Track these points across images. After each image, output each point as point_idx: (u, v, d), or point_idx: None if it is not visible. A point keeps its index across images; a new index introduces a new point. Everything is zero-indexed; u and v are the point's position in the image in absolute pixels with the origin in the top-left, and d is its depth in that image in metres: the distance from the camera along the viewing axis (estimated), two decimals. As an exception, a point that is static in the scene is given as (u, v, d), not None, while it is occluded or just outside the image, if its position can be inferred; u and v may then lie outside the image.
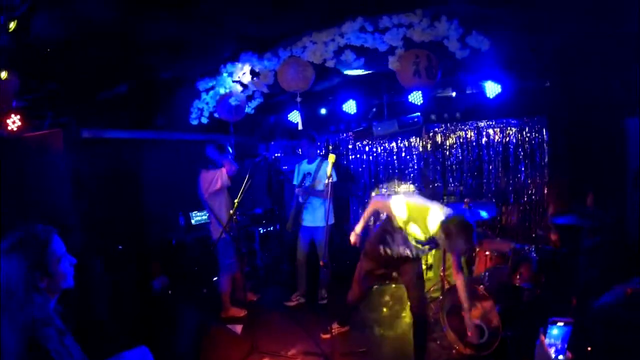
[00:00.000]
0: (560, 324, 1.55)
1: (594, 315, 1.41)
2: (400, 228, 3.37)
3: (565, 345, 1.54)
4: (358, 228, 3.75)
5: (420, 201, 3.31)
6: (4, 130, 3.90)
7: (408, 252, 3.46)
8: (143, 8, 3.40)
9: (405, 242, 3.43)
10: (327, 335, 4.18)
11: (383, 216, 3.79)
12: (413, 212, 3.25)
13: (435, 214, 3.13)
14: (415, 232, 3.28)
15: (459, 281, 3.43)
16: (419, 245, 3.38)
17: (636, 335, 1.29)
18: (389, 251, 3.54)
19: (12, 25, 3.00)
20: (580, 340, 1.56)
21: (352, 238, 3.75)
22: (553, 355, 1.52)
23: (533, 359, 1.66)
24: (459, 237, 2.95)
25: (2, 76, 3.40)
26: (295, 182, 5.22)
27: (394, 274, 4.16)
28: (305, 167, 5.15)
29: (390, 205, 3.36)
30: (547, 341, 1.54)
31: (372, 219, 3.87)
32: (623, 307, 1.35)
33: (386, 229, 3.56)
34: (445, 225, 3.01)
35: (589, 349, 1.43)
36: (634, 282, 1.40)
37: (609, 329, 1.40)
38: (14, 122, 3.91)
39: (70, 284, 1.88)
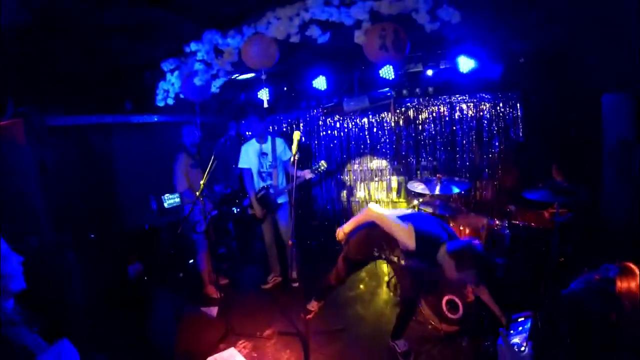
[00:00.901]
0: (521, 318, 1.52)
1: (560, 303, 1.37)
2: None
3: (526, 336, 1.51)
4: (347, 227, 3.66)
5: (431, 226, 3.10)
6: None
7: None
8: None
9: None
10: (310, 316, 4.18)
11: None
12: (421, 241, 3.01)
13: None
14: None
15: (484, 295, 3.25)
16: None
17: (601, 325, 1.26)
18: (382, 255, 3.49)
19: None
20: (543, 329, 1.54)
21: (339, 236, 3.69)
22: (516, 349, 1.50)
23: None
24: (471, 270, 2.82)
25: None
26: (244, 165, 5.03)
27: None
28: (256, 146, 4.99)
29: (395, 230, 3.14)
30: (509, 339, 1.51)
31: None
32: (590, 295, 1.31)
33: (380, 239, 3.43)
34: (458, 255, 2.84)
35: (554, 337, 1.40)
36: (602, 269, 1.36)
37: (574, 317, 1.37)
38: (-26, 112, 3.72)
39: (21, 285, 1.76)
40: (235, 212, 6.37)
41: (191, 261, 5.71)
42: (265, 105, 4.44)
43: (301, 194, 4.74)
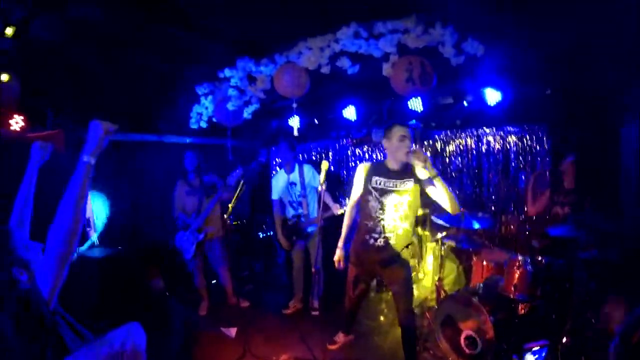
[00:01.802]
0: (536, 347, 1.50)
1: (619, 339, 1.34)
2: (372, 198, 3.42)
3: None
4: (340, 242, 3.72)
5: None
6: (8, 131, 3.97)
7: (391, 223, 3.42)
8: (144, 17, 3.45)
9: (386, 218, 3.41)
10: (334, 346, 4.17)
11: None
12: (366, 168, 3.50)
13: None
14: (382, 183, 3.40)
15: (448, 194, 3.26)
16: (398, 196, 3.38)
17: None
18: (376, 238, 3.46)
19: (9, 31, 3.04)
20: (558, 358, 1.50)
21: (336, 256, 3.71)
22: None
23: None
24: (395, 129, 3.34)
25: (3, 79, 3.46)
26: (274, 197, 5.09)
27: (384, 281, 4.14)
28: (284, 177, 5.03)
29: (354, 181, 3.56)
30: None
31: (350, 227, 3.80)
32: None
33: (365, 217, 3.52)
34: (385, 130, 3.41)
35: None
36: None
37: (630, 351, 1.33)
38: (17, 123, 3.99)
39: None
40: (261, 236, 6.46)
41: (214, 281, 5.77)
42: (296, 133, 4.55)
43: (330, 223, 4.78)
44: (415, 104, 5.35)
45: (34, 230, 2.22)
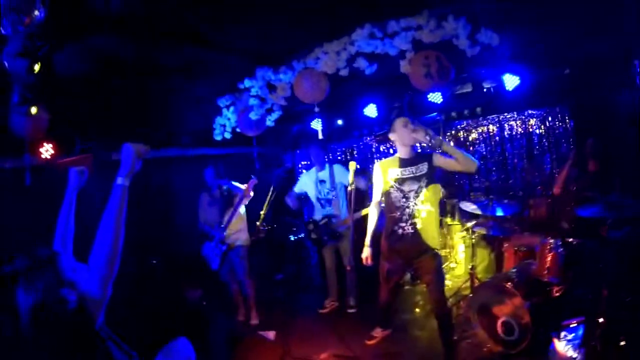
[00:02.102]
0: (573, 324, 1.56)
1: None
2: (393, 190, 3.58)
3: (579, 343, 1.55)
4: (367, 240, 3.82)
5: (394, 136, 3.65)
6: (39, 159, 4.18)
7: (415, 208, 3.54)
8: (160, 38, 3.59)
9: (410, 205, 3.54)
10: (372, 342, 4.24)
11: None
12: (384, 165, 3.66)
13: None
14: (399, 173, 3.58)
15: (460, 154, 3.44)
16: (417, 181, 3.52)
17: None
18: (403, 227, 3.56)
19: (37, 67, 3.22)
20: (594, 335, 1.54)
21: (364, 254, 3.82)
22: (568, 355, 1.54)
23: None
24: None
25: (33, 112, 3.66)
26: (298, 190, 5.26)
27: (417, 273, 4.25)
28: (313, 174, 5.20)
29: (374, 180, 3.71)
30: (560, 344, 1.56)
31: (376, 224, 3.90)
32: None
33: (390, 210, 3.64)
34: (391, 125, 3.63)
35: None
36: None
37: None
38: (47, 151, 4.20)
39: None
40: (292, 239, 6.57)
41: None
42: (320, 136, 4.64)
43: (360, 220, 4.88)
44: (435, 96, 5.39)
45: (77, 252, 2.35)
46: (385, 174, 3.64)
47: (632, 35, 3.60)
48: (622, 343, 2.53)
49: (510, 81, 4.84)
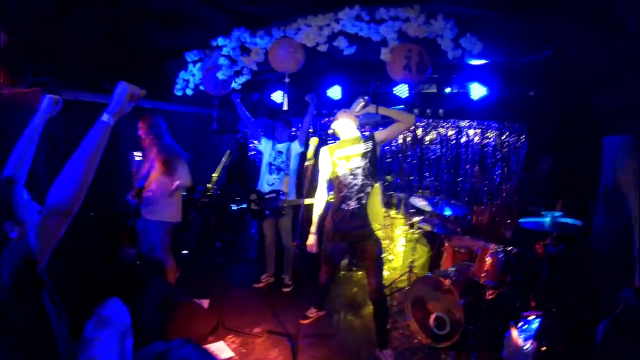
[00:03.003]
0: (531, 317, 1.65)
1: (616, 314, 1.48)
2: (340, 169, 3.68)
3: (533, 336, 1.64)
4: (313, 227, 3.82)
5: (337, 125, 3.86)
6: None
7: (368, 186, 3.66)
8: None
9: (357, 182, 3.65)
10: (306, 321, 4.27)
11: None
12: (332, 148, 3.75)
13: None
14: (344, 152, 3.70)
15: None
16: (361, 157, 3.65)
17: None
18: (350, 203, 3.65)
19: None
20: (549, 332, 1.65)
21: (310, 241, 3.81)
22: (522, 345, 1.62)
23: (495, 350, 1.74)
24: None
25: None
26: (266, 159, 5.15)
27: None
28: (273, 143, 5.13)
29: (320, 165, 3.79)
30: (516, 333, 1.65)
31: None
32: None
33: (339, 190, 3.72)
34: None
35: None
36: None
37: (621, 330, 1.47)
38: (-7, 77, 3.77)
39: None
40: (234, 208, 6.44)
41: (185, 252, 5.73)
42: (285, 107, 4.54)
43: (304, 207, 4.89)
44: (401, 89, 5.45)
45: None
46: (332, 155, 3.74)
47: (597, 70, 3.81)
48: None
49: (477, 91, 5.00)
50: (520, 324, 1.62)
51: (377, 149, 3.69)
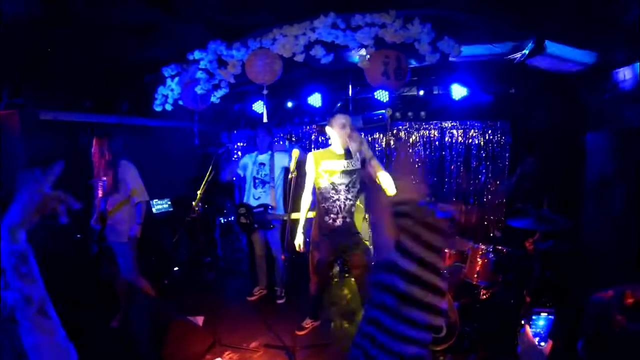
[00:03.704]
0: (544, 314, 1.64)
1: (590, 308, 1.47)
2: (324, 179, 3.64)
3: (547, 333, 1.62)
4: (300, 227, 3.88)
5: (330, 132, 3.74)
6: None
7: (352, 199, 3.66)
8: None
9: (340, 198, 3.64)
10: (302, 332, 4.24)
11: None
12: (317, 156, 3.70)
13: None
14: (331, 165, 3.65)
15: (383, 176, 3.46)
16: (347, 175, 3.62)
17: (624, 339, 1.37)
18: (334, 219, 3.65)
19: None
20: (562, 329, 1.63)
21: (297, 240, 3.87)
22: (536, 343, 1.61)
23: (491, 350, 1.71)
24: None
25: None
26: (244, 173, 5.08)
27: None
28: (255, 157, 5.04)
29: (307, 170, 3.74)
30: (530, 330, 1.63)
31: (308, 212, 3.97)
32: (609, 303, 1.42)
33: (321, 201, 3.73)
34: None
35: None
36: (634, 286, 1.47)
37: (599, 325, 1.47)
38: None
39: None
40: (222, 221, 6.37)
41: (176, 269, 5.64)
42: (265, 119, 4.50)
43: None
44: (382, 94, 5.46)
45: None
46: (318, 164, 3.71)
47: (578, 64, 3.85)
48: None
49: (458, 91, 5.03)
50: (532, 321, 1.61)
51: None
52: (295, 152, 3.71)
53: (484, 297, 3.90)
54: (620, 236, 3.53)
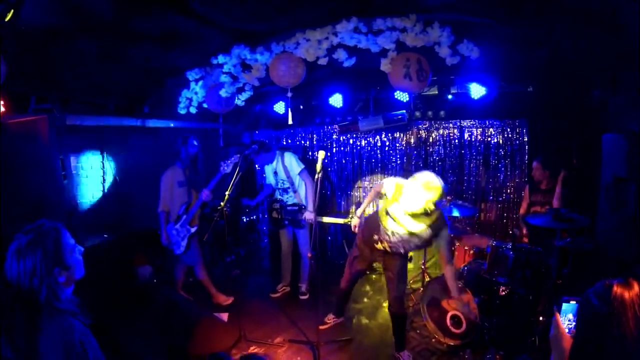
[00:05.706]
0: (573, 302, 1.70)
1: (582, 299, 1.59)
2: (387, 217, 3.57)
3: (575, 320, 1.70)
4: (359, 211, 4.06)
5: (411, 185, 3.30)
6: None
7: (400, 249, 3.62)
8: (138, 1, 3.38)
9: (391, 240, 3.61)
10: (325, 327, 4.39)
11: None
12: (400, 190, 3.44)
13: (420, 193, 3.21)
14: (400, 215, 3.47)
15: (449, 271, 3.51)
16: (408, 235, 3.51)
17: (597, 320, 1.49)
18: (381, 242, 3.68)
19: (9, 15, 2.94)
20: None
21: (353, 222, 4.06)
22: (567, 330, 1.68)
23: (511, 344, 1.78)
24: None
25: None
26: (268, 182, 5.30)
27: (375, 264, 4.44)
28: (271, 166, 5.16)
29: (383, 183, 3.69)
30: (561, 318, 1.71)
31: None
32: (595, 295, 1.53)
33: (374, 220, 3.75)
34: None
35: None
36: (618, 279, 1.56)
37: (582, 312, 1.59)
38: (-3, 107, 3.85)
39: (82, 273, 1.91)
40: (244, 220, 6.51)
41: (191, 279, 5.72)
42: (290, 122, 4.59)
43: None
44: (402, 94, 5.53)
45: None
46: (391, 202, 3.56)
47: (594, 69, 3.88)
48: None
49: (477, 90, 5.09)
50: (563, 308, 1.69)
51: (429, 241, 3.55)
52: (321, 154, 3.79)
53: (503, 293, 3.97)
54: (633, 237, 3.57)
